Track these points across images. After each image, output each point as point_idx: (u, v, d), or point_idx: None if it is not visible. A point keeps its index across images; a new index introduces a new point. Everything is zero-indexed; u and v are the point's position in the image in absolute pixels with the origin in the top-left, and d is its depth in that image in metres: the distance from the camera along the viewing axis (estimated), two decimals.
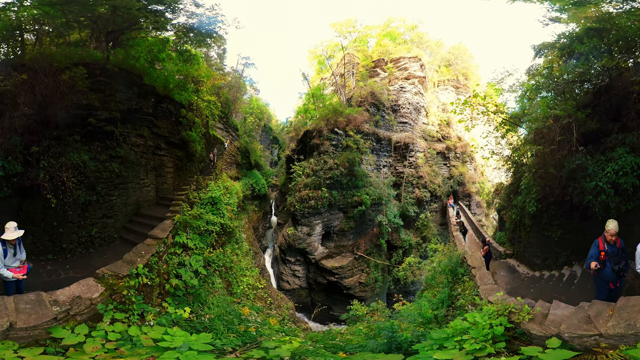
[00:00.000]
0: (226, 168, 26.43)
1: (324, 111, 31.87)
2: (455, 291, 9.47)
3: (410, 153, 36.43)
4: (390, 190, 32.48)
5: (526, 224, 12.42)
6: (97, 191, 11.23)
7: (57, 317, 5.15)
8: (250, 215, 29.18)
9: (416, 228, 34.94)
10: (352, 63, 38.80)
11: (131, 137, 13.64)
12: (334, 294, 27.88)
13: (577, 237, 9.31)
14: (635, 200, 7.59)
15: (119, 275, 7.22)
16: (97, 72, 11.54)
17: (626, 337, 3.72)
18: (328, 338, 8.91)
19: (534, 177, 11.42)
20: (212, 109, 26.80)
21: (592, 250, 5.47)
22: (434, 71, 47.21)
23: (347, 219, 29.47)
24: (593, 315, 4.18)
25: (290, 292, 27.83)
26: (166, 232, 10.63)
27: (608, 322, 3.96)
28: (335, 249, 29.10)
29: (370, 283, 28.39)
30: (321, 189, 27.60)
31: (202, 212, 14.67)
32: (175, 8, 13.63)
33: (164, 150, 17.06)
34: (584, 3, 11.16)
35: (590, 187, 8.09)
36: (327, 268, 27.36)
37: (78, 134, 10.94)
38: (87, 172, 10.80)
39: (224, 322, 8.33)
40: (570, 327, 4.14)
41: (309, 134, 31.49)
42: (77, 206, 10.50)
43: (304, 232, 27.78)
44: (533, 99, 15.34)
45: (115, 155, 12.24)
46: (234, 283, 15.67)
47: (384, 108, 36.69)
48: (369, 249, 30.15)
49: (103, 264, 9.12)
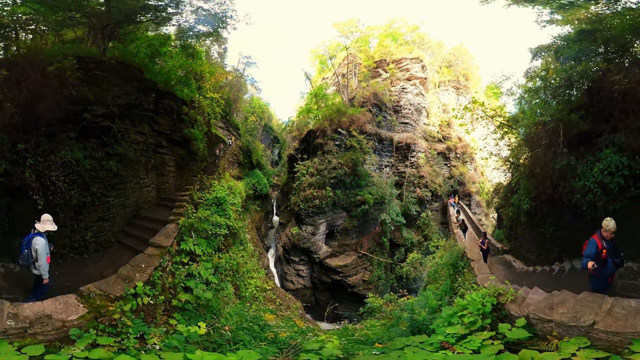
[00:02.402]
0: (228, 167, 26.40)
1: (327, 111, 32.23)
2: (456, 282, 10.10)
3: (411, 153, 37.08)
4: (392, 190, 33.05)
5: (522, 221, 13.03)
6: (92, 192, 10.43)
7: (8, 331, 4.48)
8: (252, 215, 29.13)
9: (417, 226, 35.58)
10: (355, 63, 39.24)
11: (130, 133, 13.00)
12: (338, 293, 28.31)
13: (567, 234, 9.90)
14: (623, 200, 8.13)
15: (109, 296, 6.07)
16: (92, 65, 10.92)
17: (570, 328, 4.02)
18: (347, 334, 9.08)
19: (527, 177, 12.03)
20: (214, 107, 26.40)
21: (588, 250, 5.42)
22: (435, 72, 47.64)
23: (350, 218, 29.93)
24: (556, 303, 4.62)
25: (294, 291, 27.88)
26: (170, 239, 9.78)
27: (559, 309, 4.34)
28: (339, 247, 29.36)
29: (373, 281, 28.86)
30: (325, 188, 27.99)
31: (208, 213, 13.96)
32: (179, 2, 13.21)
33: (165, 148, 16.44)
34: (573, 5, 11.44)
35: (578, 186, 8.69)
36: (331, 267, 27.78)
37: (73, 131, 10.21)
38: (81, 171, 10.06)
39: (247, 332, 7.54)
40: (536, 310, 4.63)
41: (312, 134, 31.77)
42: (69, 208, 9.68)
43: (309, 231, 28.17)
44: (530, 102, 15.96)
45: (113, 153, 11.46)
46: (242, 286, 15.08)
47: (385, 109, 37.27)
48: (372, 247, 30.67)
49: (97, 272, 8.31)
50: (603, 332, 3.68)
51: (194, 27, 16.14)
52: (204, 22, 15.72)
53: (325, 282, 28.44)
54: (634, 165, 7.61)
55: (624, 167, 7.76)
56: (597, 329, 3.74)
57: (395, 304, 12.59)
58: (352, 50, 38.99)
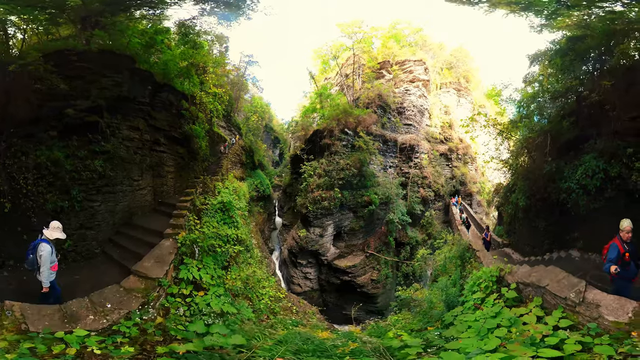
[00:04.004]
0: (231, 168, 25.07)
1: (334, 111, 31.89)
2: (465, 271, 11.53)
3: (415, 154, 38.12)
4: (398, 190, 33.82)
5: (519, 218, 14.46)
6: (72, 195, 9.46)
7: None
8: (256, 217, 27.86)
9: (422, 225, 36.66)
10: (359, 64, 39.41)
11: (122, 129, 11.79)
12: (347, 294, 28.34)
13: (557, 228, 11.33)
14: (601, 200, 9.52)
15: None
16: (74, 57, 10.09)
17: (537, 289, 5.55)
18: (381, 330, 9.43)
19: (523, 178, 13.47)
20: (217, 104, 24.49)
21: (611, 254, 5.42)
22: (437, 73, 48.22)
23: (357, 219, 30.12)
24: (532, 273, 6.18)
25: (301, 294, 26.91)
26: (164, 265, 7.51)
27: (532, 275, 5.92)
28: (346, 248, 29.48)
29: (381, 280, 29.23)
30: (334, 189, 28.16)
31: (215, 223, 11.96)
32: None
33: (163, 146, 14.97)
34: (557, 14, 11.83)
35: (564, 187, 10.12)
36: (340, 268, 27.87)
37: (55, 129, 9.57)
38: (59, 172, 9.25)
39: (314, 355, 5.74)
40: (521, 277, 6.23)
41: (319, 134, 31.29)
42: (44, 212, 8.85)
43: (317, 233, 27.97)
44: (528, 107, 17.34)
45: (100, 151, 10.36)
46: (254, 298, 12.83)
47: (390, 110, 38.06)
48: (379, 246, 31.16)
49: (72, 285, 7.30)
50: (550, 293, 5.26)
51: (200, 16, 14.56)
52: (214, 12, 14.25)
53: (334, 283, 28.48)
54: (609, 169, 8.99)
55: (600, 171, 9.14)
56: (547, 290, 5.35)
57: (422, 292, 13.73)
58: (355, 51, 38.93)
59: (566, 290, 4.88)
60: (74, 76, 10.04)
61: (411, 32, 47.07)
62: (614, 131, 9.35)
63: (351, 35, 38.49)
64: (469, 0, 13.02)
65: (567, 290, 4.86)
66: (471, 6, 13.67)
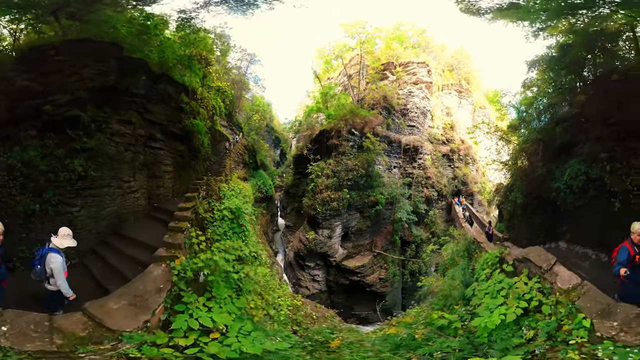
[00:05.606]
0: (234, 167, 24.14)
1: (341, 111, 31.84)
2: (472, 261, 12.95)
3: (418, 155, 39.22)
4: (403, 190, 34.83)
5: (518, 214, 15.89)
6: (45, 199, 8.73)
7: None
8: (260, 219, 26.58)
9: (426, 224, 37.63)
10: (362, 65, 39.65)
11: (111, 123, 10.62)
12: (355, 294, 28.67)
13: (549, 223, 12.82)
14: (585, 198, 10.94)
15: None
16: (52, 52, 9.44)
17: (525, 262, 7.24)
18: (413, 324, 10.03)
19: (521, 178, 14.95)
20: (219, 100, 22.94)
21: (621, 257, 5.34)
22: (439, 75, 48.66)
23: (364, 219, 30.26)
24: (523, 252, 7.77)
25: (309, 297, 26.26)
26: (144, 312, 4.98)
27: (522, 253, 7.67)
28: (354, 248, 29.84)
29: (389, 278, 29.73)
30: (342, 190, 28.33)
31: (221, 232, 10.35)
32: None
33: (160, 142, 13.47)
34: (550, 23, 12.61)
35: (554, 187, 11.59)
36: (349, 268, 28.14)
37: (34, 128, 9.07)
38: (32, 173, 8.69)
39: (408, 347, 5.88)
40: (516, 256, 7.86)
41: (325, 134, 31.27)
42: (15, 214, 8.44)
43: (325, 235, 27.98)
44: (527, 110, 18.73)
45: (81, 149, 9.37)
46: (271, 310, 10.65)
47: (394, 111, 38.83)
48: (385, 245, 31.85)
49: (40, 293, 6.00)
50: (534, 264, 6.87)
51: None
52: None
53: (342, 284, 28.67)
54: (590, 171, 10.43)
55: (582, 174, 10.60)
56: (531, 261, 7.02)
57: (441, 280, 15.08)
58: (359, 51, 39.19)
59: (542, 262, 6.69)
60: (51, 71, 9.37)
61: (415, 33, 47.43)
62: (596, 137, 10.74)
63: (354, 35, 38.43)
64: (477, 11, 14.05)
65: (542, 262, 6.67)
66: (479, 17, 14.31)
